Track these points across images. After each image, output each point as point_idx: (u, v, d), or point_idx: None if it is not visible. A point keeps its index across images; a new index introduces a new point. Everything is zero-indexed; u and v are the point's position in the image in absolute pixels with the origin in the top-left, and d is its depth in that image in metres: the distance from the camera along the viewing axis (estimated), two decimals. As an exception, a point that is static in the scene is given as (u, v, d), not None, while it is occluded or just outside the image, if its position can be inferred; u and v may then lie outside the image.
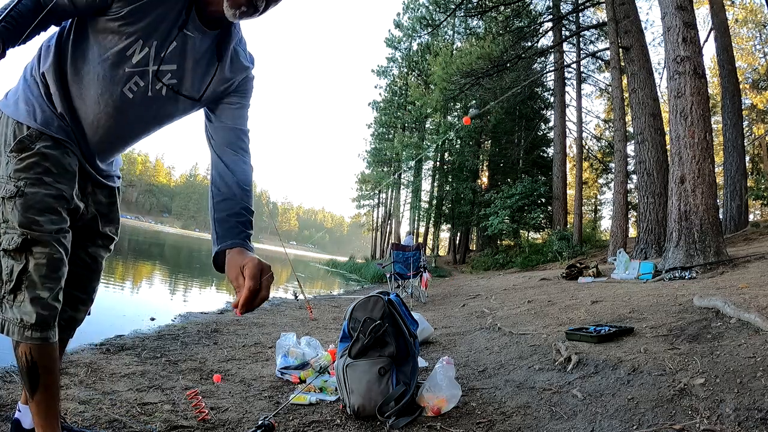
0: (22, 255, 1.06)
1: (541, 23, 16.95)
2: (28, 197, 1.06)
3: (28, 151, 1.07)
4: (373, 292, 1.92)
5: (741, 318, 1.99)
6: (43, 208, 1.07)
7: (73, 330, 1.30)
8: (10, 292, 1.06)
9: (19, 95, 1.12)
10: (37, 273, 1.07)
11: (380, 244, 30.19)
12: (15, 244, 1.06)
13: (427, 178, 24.30)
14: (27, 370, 1.07)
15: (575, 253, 12.21)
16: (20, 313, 1.05)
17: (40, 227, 1.06)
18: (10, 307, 1.06)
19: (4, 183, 1.07)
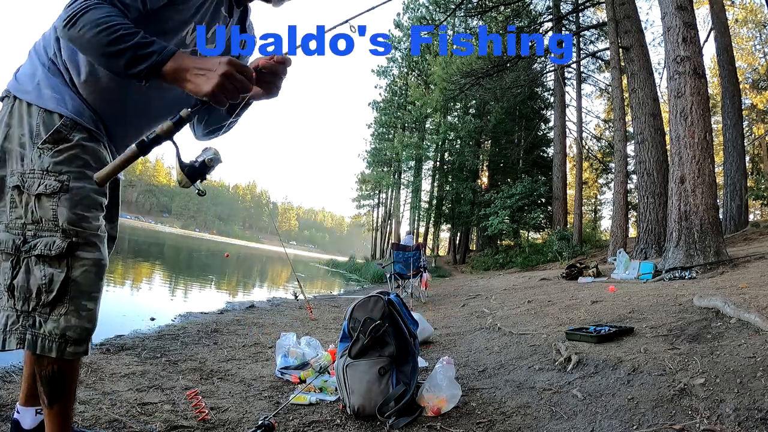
0: (63, 261, 0.94)
1: (541, 23, 16.95)
2: (74, 192, 0.96)
3: (67, 143, 0.97)
4: (373, 292, 1.92)
5: (741, 318, 1.99)
6: (90, 204, 0.99)
7: None
8: (47, 304, 0.93)
9: (39, 80, 1.00)
10: (85, 281, 0.96)
11: (380, 244, 30.20)
12: (58, 248, 0.93)
13: (427, 178, 24.34)
14: (51, 381, 0.97)
15: (575, 253, 12.21)
16: (62, 328, 0.93)
17: (89, 225, 0.97)
18: (45, 321, 0.93)
19: (39, 178, 0.94)
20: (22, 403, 1.19)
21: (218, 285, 7.53)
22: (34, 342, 0.93)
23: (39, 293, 0.93)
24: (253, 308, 4.92)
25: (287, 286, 9.54)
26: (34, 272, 0.93)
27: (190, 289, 6.91)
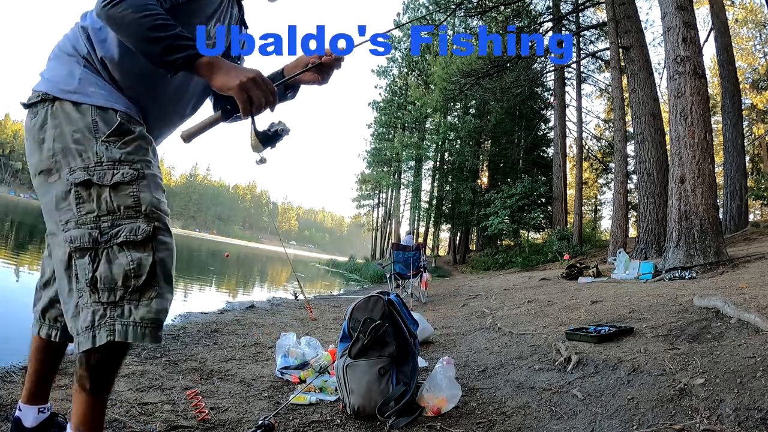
0: (149, 245, 0.95)
1: (541, 23, 16.95)
2: (149, 178, 0.99)
3: (132, 134, 1.01)
4: (373, 292, 1.92)
5: (741, 318, 1.99)
6: (162, 189, 1.03)
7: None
8: (137, 290, 0.93)
9: (81, 78, 1.01)
10: (168, 263, 0.98)
11: (380, 244, 30.20)
12: (144, 232, 0.95)
13: (427, 178, 24.34)
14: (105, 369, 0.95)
15: (575, 253, 12.21)
16: (155, 312, 0.94)
17: (165, 209, 1.01)
18: (136, 308, 0.93)
19: (112, 169, 0.96)
20: (24, 401, 1.19)
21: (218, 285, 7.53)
22: (126, 331, 0.92)
23: (126, 280, 0.93)
24: (253, 308, 4.92)
25: (287, 286, 9.54)
26: (120, 260, 0.93)
27: (190, 289, 6.91)
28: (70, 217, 0.95)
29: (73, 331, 0.94)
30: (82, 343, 0.91)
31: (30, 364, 1.20)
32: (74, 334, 0.93)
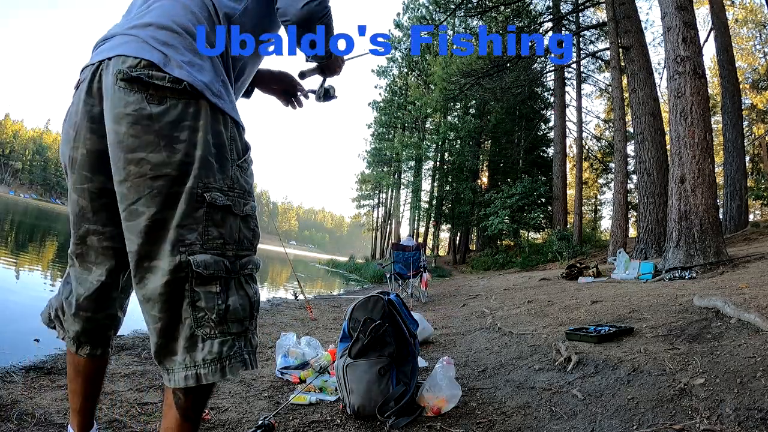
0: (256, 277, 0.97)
1: (541, 23, 16.94)
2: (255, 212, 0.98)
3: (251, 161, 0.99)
4: (373, 292, 1.92)
5: (741, 318, 1.99)
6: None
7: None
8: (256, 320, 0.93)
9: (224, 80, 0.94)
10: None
11: (380, 244, 30.19)
12: (258, 265, 0.95)
13: (427, 178, 24.33)
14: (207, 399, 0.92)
15: (575, 253, 12.21)
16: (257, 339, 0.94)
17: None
18: (254, 336, 0.92)
19: (244, 199, 0.91)
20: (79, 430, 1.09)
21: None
22: (251, 361, 0.89)
23: (252, 311, 0.91)
24: (253, 308, 4.91)
25: (287, 286, 9.54)
26: (248, 291, 0.90)
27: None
28: (194, 238, 0.84)
29: (183, 363, 0.84)
30: (207, 375, 0.83)
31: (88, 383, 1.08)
32: (184, 366, 0.84)
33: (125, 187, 0.84)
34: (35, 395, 1.64)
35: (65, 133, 0.96)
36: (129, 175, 0.84)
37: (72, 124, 0.94)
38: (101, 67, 0.90)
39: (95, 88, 0.90)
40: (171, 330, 0.85)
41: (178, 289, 0.84)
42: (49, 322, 1.09)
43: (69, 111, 0.96)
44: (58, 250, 9.43)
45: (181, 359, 0.84)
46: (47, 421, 1.42)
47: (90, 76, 0.91)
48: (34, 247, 9.01)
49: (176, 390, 0.85)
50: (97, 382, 1.10)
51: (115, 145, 0.85)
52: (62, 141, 0.98)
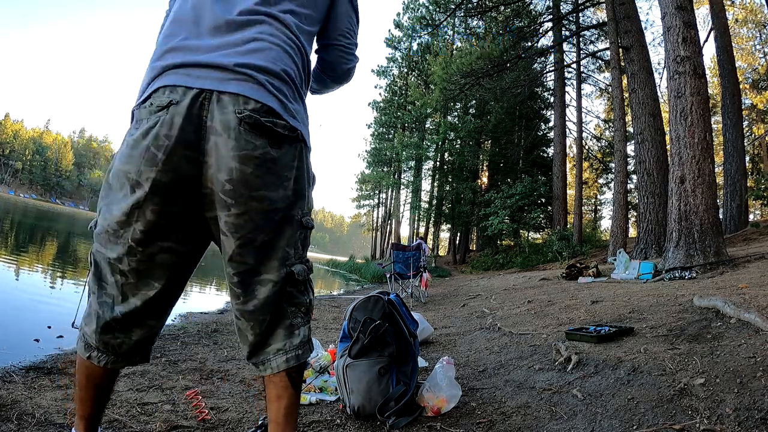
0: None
1: (541, 23, 16.95)
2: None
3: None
4: (373, 292, 1.92)
5: (741, 318, 1.99)
6: None
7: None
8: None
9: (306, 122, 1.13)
10: None
11: (380, 244, 30.20)
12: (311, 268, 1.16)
13: (427, 178, 24.33)
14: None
15: (575, 253, 12.21)
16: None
17: None
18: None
19: (309, 215, 1.10)
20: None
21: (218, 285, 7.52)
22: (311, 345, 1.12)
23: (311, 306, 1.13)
24: (253, 308, 4.91)
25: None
26: (312, 288, 1.13)
27: (190, 289, 6.91)
28: (293, 253, 1.05)
29: (283, 350, 1.04)
30: (302, 355, 1.07)
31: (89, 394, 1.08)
32: (284, 351, 1.04)
33: (242, 219, 0.96)
34: (35, 395, 1.64)
35: (146, 153, 0.93)
36: (249, 209, 0.96)
37: (160, 147, 0.93)
38: (206, 97, 0.94)
39: (195, 115, 0.94)
40: (272, 326, 1.05)
41: (282, 293, 1.04)
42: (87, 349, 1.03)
43: (151, 130, 0.94)
44: (58, 251, 9.43)
45: (280, 347, 1.05)
46: (47, 421, 1.42)
47: (190, 102, 0.93)
48: (34, 248, 9.02)
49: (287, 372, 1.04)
50: (109, 389, 1.10)
51: (240, 183, 0.94)
52: (136, 159, 0.94)
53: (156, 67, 0.99)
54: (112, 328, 1.01)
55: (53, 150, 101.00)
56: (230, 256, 0.99)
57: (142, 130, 0.94)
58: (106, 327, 1.01)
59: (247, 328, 1.04)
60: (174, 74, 0.96)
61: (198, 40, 0.99)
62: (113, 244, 0.98)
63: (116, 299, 1.01)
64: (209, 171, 0.94)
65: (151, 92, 0.97)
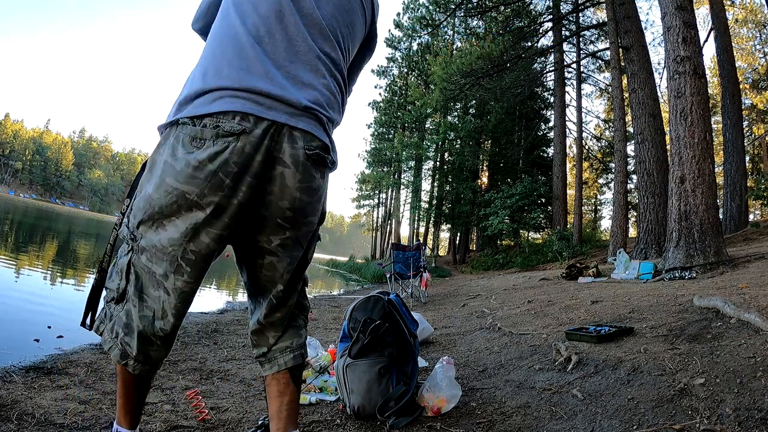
0: None
1: (541, 23, 16.96)
2: None
3: None
4: (373, 292, 1.92)
5: (741, 318, 1.99)
6: None
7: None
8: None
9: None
10: None
11: (380, 244, 30.19)
12: None
13: (427, 178, 24.32)
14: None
15: (575, 253, 12.21)
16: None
17: None
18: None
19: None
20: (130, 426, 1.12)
21: (218, 285, 7.52)
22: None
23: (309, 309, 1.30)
24: (253, 308, 4.90)
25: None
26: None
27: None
28: (309, 255, 1.19)
29: (290, 348, 1.17)
30: (305, 353, 1.20)
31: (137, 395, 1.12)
32: (291, 350, 1.17)
33: (292, 241, 1.08)
34: (35, 395, 1.64)
35: (213, 177, 0.94)
36: (300, 233, 1.08)
37: (229, 174, 0.95)
38: (277, 130, 0.98)
39: (265, 147, 0.98)
40: (287, 327, 1.17)
41: (299, 299, 1.21)
42: (123, 357, 1.04)
43: (219, 155, 0.95)
44: (57, 251, 9.43)
45: (288, 344, 1.16)
46: (47, 421, 1.42)
47: (262, 134, 0.97)
48: (34, 248, 9.02)
49: (290, 369, 1.15)
50: (150, 383, 1.16)
51: (298, 211, 1.04)
52: (200, 182, 0.95)
53: (219, 84, 0.98)
54: (152, 342, 1.03)
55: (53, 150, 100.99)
56: (281, 274, 1.09)
57: (209, 153, 0.94)
58: (147, 340, 1.03)
59: (270, 332, 1.15)
60: (245, 100, 0.96)
61: (269, 67, 1.01)
62: (160, 261, 0.99)
63: (157, 314, 1.02)
64: (270, 198, 1.01)
65: (215, 112, 0.96)
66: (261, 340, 1.16)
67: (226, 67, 0.99)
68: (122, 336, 1.03)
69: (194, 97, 0.99)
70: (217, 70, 0.99)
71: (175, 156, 0.96)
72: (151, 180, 1.00)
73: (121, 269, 1.03)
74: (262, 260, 1.08)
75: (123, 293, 1.04)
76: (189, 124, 0.97)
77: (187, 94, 1.01)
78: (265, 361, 1.15)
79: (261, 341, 1.16)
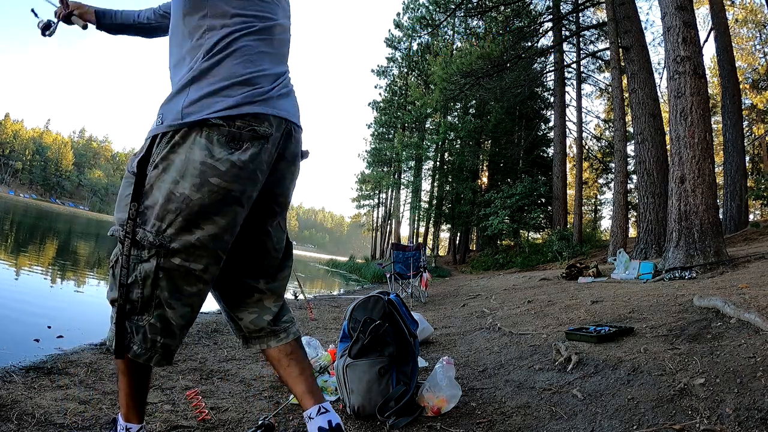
0: None
1: (541, 23, 16.95)
2: None
3: None
4: (373, 292, 1.92)
5: (741, 318, 1.99)
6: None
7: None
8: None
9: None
10: None
11: (380, 244, 30.18)
12: None
13: (427, 178, 24.31)
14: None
15: (575, 253, 12.20)
16: None
17: None
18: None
19: None
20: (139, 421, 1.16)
21: (218, 285, 7.54)
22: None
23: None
24: (253, 308, 4.90)
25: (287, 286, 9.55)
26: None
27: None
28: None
29: (291, 321, 1.32)
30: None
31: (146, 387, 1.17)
32: (293, 322, 1.33)
33: (278, 223, 1.24)
34: (35, 395, 1.64)
35: (253, 175, 1.07)
36: (283, 216, 1.26)
37: (263, 172, 1.10)
38: (286, 129, 1.14)
39: (280, 144, 1.14)
40: (283, 303, 1.33)
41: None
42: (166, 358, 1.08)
43: (258, 157, 1.07)
44: (57, 251, 9.43)
45: (291, 317, 1.33)
46: (47, 421, 1.42)
47: (281, 135, 1.13)
48: (34, 247, 9.02)
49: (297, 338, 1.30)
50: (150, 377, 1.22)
51: (287, 197, 1.24)
52: (243, 180, 1.05)
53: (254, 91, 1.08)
54: (188, 329, 1.12)
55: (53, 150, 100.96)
56: (276, 248, 1.24)
57: (250, 154, 1.05)
58: (186, 330, 1.11)
59: (271, 300, 1.27)
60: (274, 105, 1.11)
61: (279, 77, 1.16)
62: (201, 257, 1.03)
63: (195, 306, 1.08)
64: (270, 188, 1.16)
65: (251, 113, 1.06)
66: (263, 312, 1.24)
67: (256, 67, 1.14)
68: (162, 341, 1.04)
69: (234, 99, 1.07)
70: (252, 73, 1.13)
71: (218, 159, 1.02)
72: (181, 181, 0.99)
73: (144, 277, 0.99)
74: (257, 241, 1.21)
75: (148, 301, 1.00)
76: (228, 125, 1.03)
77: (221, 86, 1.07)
78: (278, 332, 1.25)
79: (263, 312, 1.24)
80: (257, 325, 1.23)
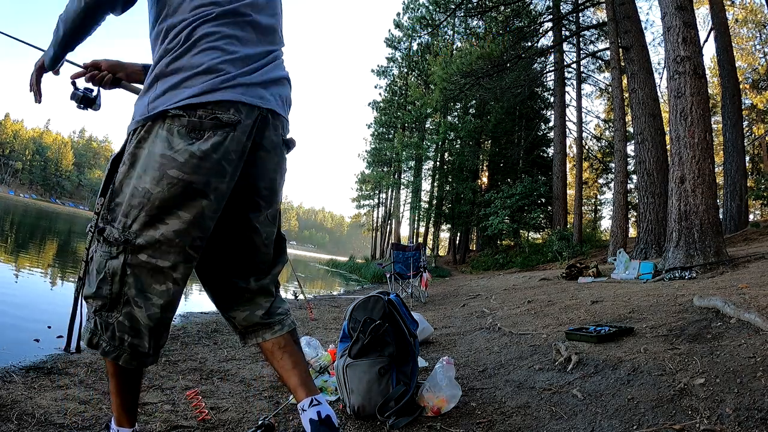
0: None
1: (541, 23, 16.95)
2: None
3: None
4: (373, 292, 1.92)
5: (741, 318, 1.99)
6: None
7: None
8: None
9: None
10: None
11: (380, 244, 30.18)
12: None
13: (427, 178, 24.31)
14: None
15: (575, 253, 12.20)
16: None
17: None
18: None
19: None
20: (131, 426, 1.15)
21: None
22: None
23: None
24: (253, 308, 4.90)
25: (287, 286, 9.54)
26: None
27: (189, 289, 6.91)
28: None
29: (286, 313, 1.30)
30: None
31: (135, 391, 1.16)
32: (287, 314, 1.30)
33: (265, 217, 1.19)
34: (35, 395, 1.64)
35: (217, 166, 1.01)
36: (271, 210, 1.20)
37: (230, 162, 1.03)
38: (262, 115, 1.08)
39: (254, 133, 1.08)
40: (278, 296, 1.32)
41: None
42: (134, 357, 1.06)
43: (221, 146, 1.01)
44: (57, 250, 9.43)
45: (286, 308, 1.31)
46: (47, 421, 1.42)
47: (253, 123, 1.06)
48: (34, 247, 9.01)
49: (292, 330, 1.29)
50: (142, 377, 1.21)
51: (272, 190, 1.18)
52: (204, 171, 0.99)
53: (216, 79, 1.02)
54: (162, 334, 1.07)
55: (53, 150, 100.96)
56: (266, 243, 1.20)
57: (211, 144, 1.00)
58: (158, 334, 1.05)
59: (262, 298, 1.25)
60: (245, 92, 1.05)
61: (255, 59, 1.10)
62: (167, 254, 1.00)
63: (165, 306, 1.03)
64: (250, 180, 1.11)
65: (213, 101, 1.00)
66: (254, 307, 1.23)
67: (220, 53, 1.07)
68: (130, 340, 1.02)
69: (195, 89, 1.02)
70: (215, 59, 1.07)
71: (176, 149, 0.98)
72: (143, 176, 0.98)
73: (112, 274, 0.99)
74: (244, 237, 1.17)
75: (116, 298, 1.00)
76: (191, 116, 0.99)
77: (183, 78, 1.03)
78: (274, 324, 1.24)
79: (254, 307, 1.23)
80: (250, 321, 1.23)
